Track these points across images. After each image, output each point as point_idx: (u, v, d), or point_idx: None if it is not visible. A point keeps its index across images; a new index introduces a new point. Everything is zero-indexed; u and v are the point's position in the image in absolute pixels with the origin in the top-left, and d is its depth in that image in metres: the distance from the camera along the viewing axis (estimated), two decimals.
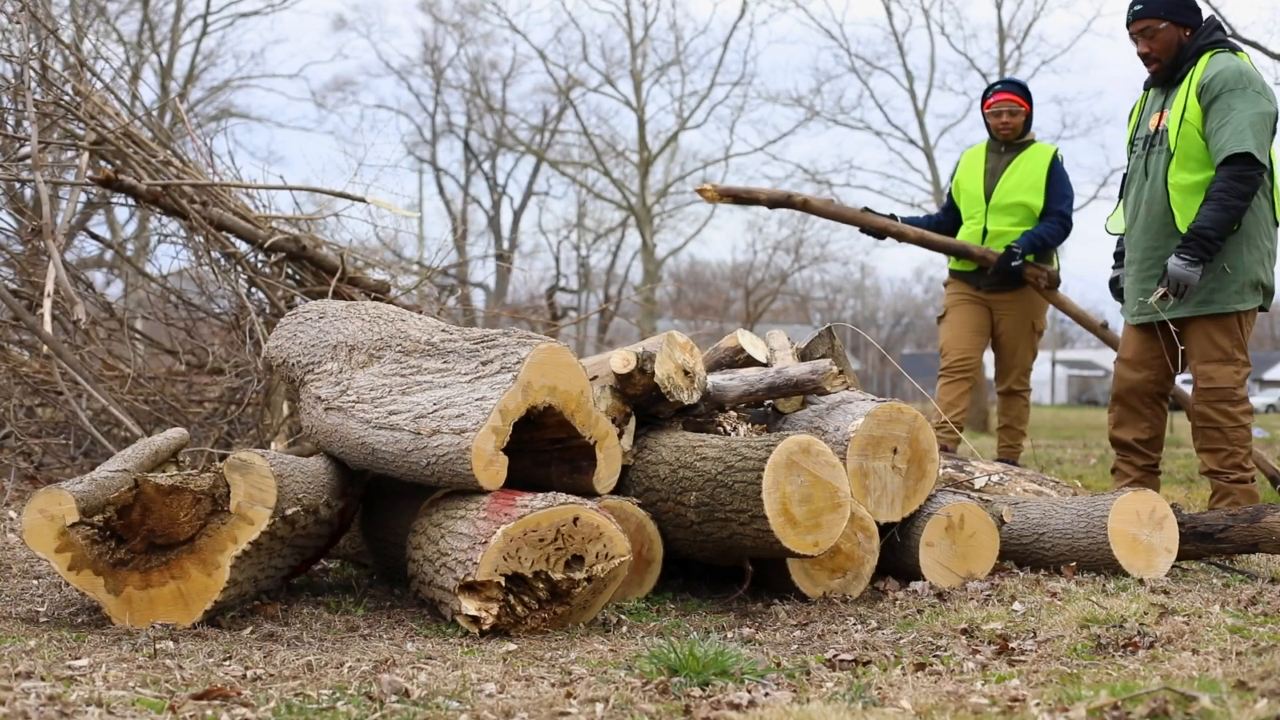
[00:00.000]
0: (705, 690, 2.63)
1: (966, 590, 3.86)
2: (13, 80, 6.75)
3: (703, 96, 29.82)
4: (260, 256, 6.71)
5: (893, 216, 6.23)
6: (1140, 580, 3.98)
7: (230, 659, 2.91)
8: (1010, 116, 6.29)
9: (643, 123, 29.34)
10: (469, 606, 3.26)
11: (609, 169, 30.20)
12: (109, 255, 13.43)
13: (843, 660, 2.97)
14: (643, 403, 4.15)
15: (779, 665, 2.92)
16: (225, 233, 6.57)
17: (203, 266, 7.07)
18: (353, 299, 6.19)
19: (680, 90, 41.91)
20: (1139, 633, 3.11)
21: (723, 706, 2.51)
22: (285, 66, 67.50)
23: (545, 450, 3.78)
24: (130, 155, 6.58)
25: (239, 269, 6.74)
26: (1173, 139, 4.83)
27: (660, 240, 31.32)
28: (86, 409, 6.49)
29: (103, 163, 6.68)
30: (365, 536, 4.25)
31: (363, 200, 6.69)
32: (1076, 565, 4.12)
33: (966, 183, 6.38)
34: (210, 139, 7.80)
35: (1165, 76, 4.95)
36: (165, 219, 7.08)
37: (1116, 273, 5.32)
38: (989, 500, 4.30)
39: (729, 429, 4.28)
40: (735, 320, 32.16)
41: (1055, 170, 6.22)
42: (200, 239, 6.60)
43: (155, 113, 10.65)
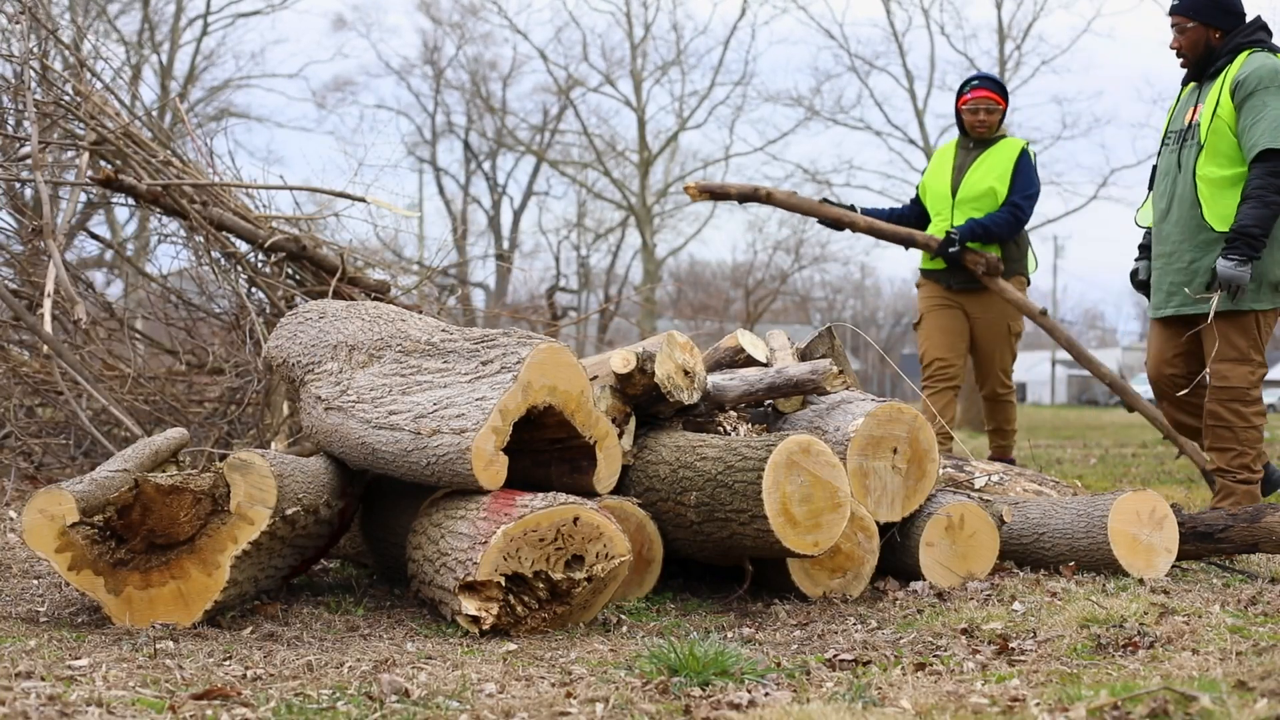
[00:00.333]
0: (705, 690, 2.63)
1: (966, 590, 3.86)
2: (13, 80, 6.75)
3: (703, 96, 29.83)
4: (260, 256, 6.71)
5: (851, 207, 6.19)
6: (1140, 580, 3.98)
7: (230, 659, 2.91)
8: (987, 114, 6.15)
9: (643, 123, 29.34)
10: (469, 606, 3.26)
11: (609, 169, 30.20)
12: (109, 255, 13.43)
13: (843, 660, 2.97)
14: (643, 403, 4.15)
15: (779, 665, 2.92)
16: (225, 233, 6.57)
17: (203, 266, 7.07)
18: (353, 299, 6.19)
19: (680, 90, 41.92)
20: (1139, 633, 3.11)
21: (723, 706, 2.51)
22: (285, 66, 67.52)
23: (545, 450, 3.78)
24: (130, 155, 6.58)
25: (239, 269, 6.74)
26: (1203, 133, 4.90)
27: (660, 240, 31.34)
28: (86, 409, 6.49)
29: (103, 163, 6.68)
30: (365, 536, 4.26)
31: (363, 200, 6.69)
32: (1076, 565, 4.12)
33: (933, 181, 6.24)
34: (210, 139, 7.81)
35: (1196, 72, 5.07)
36: (165, 219, 7.09)
37: (1138, 264, 5.37)
38: (989, 500, 4.30)
39: (729, 429, 4.28)
40: (735, 320, 32.17)
41: (1022, 162, 6.07)
42: (200, 239, 6.60)
43: (155, 113, 10.66)
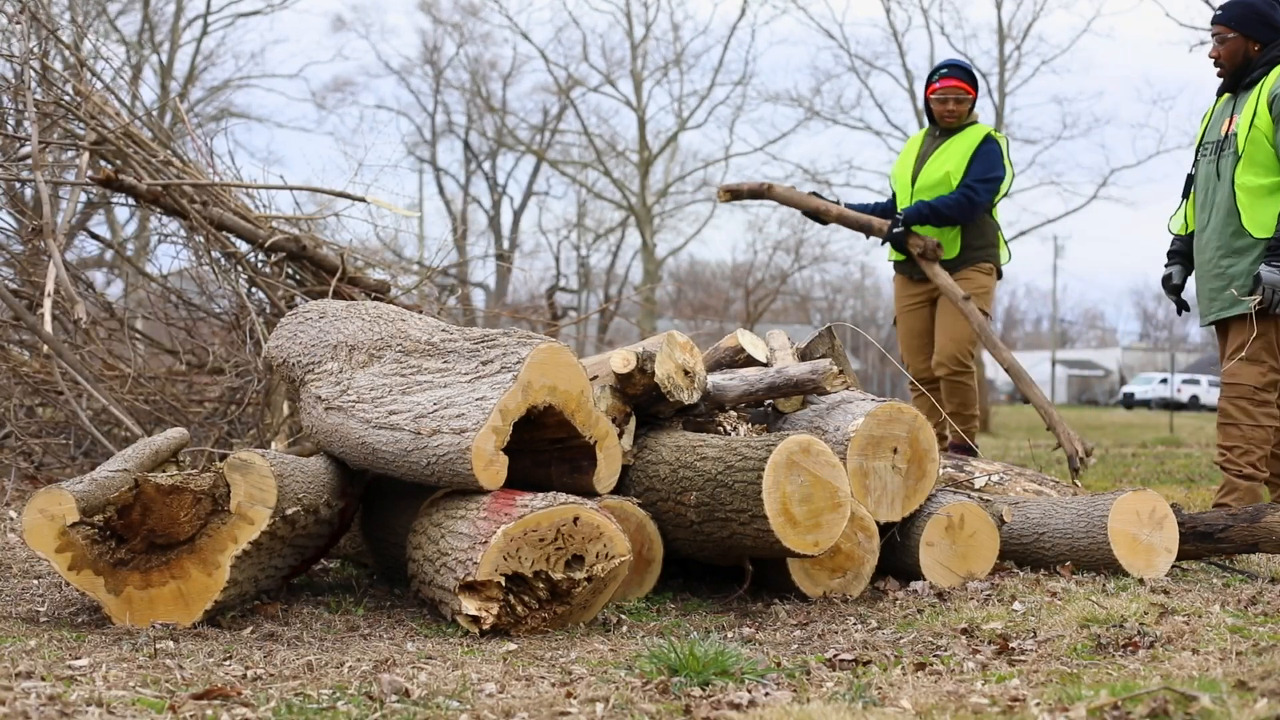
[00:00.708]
0: (705, 690, 2.63)
1: (966, 590, 3.86)
2: (13, 80, 6.75)
3: (703, 96, 29.83)
4: (260, 256, 6.71)
5: (836, 201, 6.21)
6: (1140, 580, 3.98)
7: (230, 659, 2.91)
8: (956, 104, 6.03)
9: (643, 122, 29.35)
10: (469, 606, 3.26)
11: (609, 169, 30.21)
12: (109, 255, 13.44)
13: (843, 660, 2.97)
14: (643, 403, 4.15)
15: (779, 665, 2.92)
16: (225, 232, 6.57)
17: (203, 266, 7.07)
18: (353, 299, 6.19)
19: (680, 90, 41.90)
20: (1139, 632, 3.11)
21: (723, 706, 2.51)
22: (285, 66, 67.53)
23: (545, 450, 3.78)
24: (130, 155, 6.58)
25: (239, 269, 6.74)
26: (1241, 143, 4.99)
27: (660, 240, 31.35)
28: (87, 409, 6.49)
29: (103, 162, 6.68)
30: (365, 536, 4.26)
31: (363, 200, 6.69)
32: (1076, 565, 4.12)
33: (899, 170, 6.20)
34: (210, 139, 7.82)
35: (1232, 83, 5.15)
36: (165, 219, 7.09)
37: (1170, 269, 5.39)
38: (989, 500, 4.30)
39: (729, 429, 4.28)
40: (735, 320, 32.17)
41: (983, 148, 5.93)
42: (200, 239, 6.60)
43: (155, 113, 10.66)
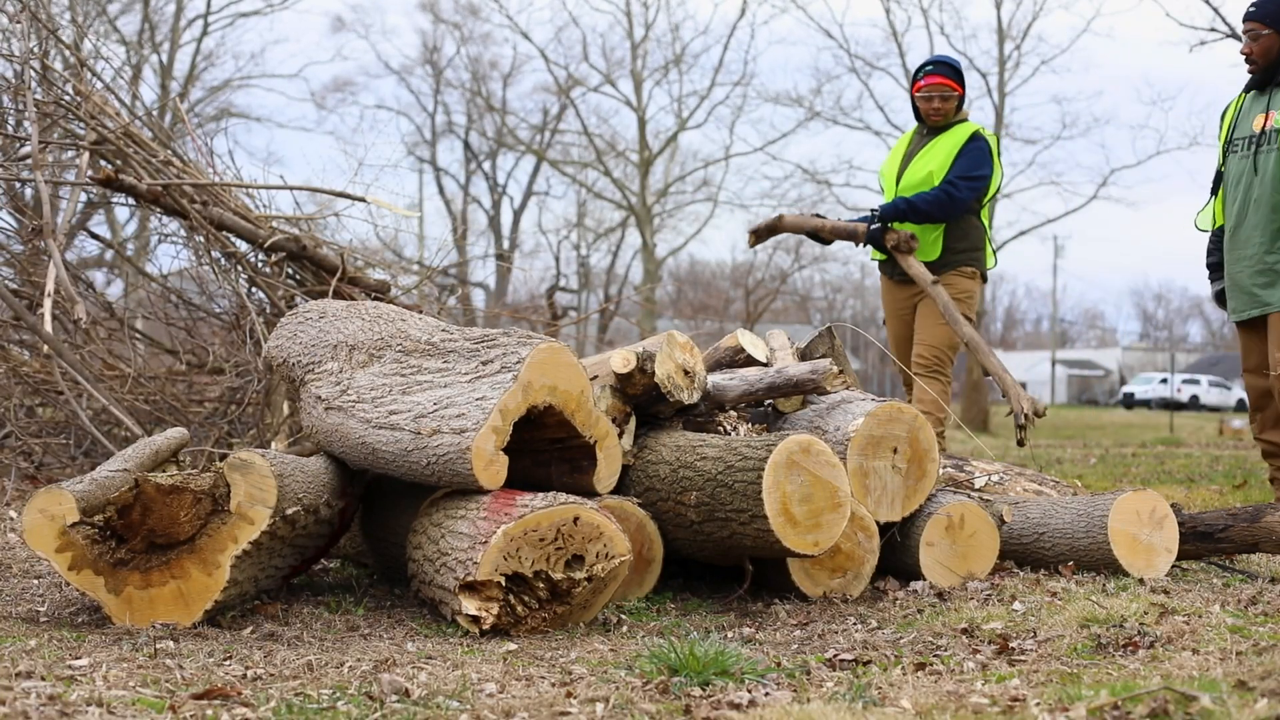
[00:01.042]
0: (705, 690, 2.63)
1: (967, 590, 3.86)
2: (13, 80, 6.75)
3: (703, 96, 29.83)
4: (260, 256, 6.71)
5: (822, 217, 6.18)
6: (1140, 580, 3.98)
7: (230, 659, 2.91)
8: (942, 102, 5.83)
9: (643, 122, 29.35)
10: (469, 606, 3.26)
11: (609, 169, 30.21)
12: (109, 255, 13.45)
13: (843, 660, 2.97)
14: (643, 402, 4.15)
15: (779, 665, 2.92)
16: (225, 232, 6.57)
17: (203, 266, 7.08)
18: (353, 299, 6.19)
19: (680, 90, 41.84)
20: (1139, 632, 3.11)
21: (723, 706, 2.51)
22: (285, 67, 67.48)
23: (545, 450, 3.78)
24: (130, 155, 6.58)
25: (239, 269, 6.74)
26: None
27: (660, 240, 31.35)
28: (87, 409, 6.49)
29: (103, 162, 6.68)
30: (365, 536, 4.26)
31: (363, 200, 6.69)
32: (1076, 565, 4.12)
33: (886, 169, 6.03)
34: (210, 139, 7.82)
35: (1262, 80, 5.16)
36: (165, 219, 7.09)
37: (1221, 285, 5.38)
38: (989, 500, 4.30)
39: (729, 429, 4.28)
40: (735, 320, 32.17)
41: (969, 146, 5.72)
42: (200, 239, 6.60)
43: (155, 112, 10.66)
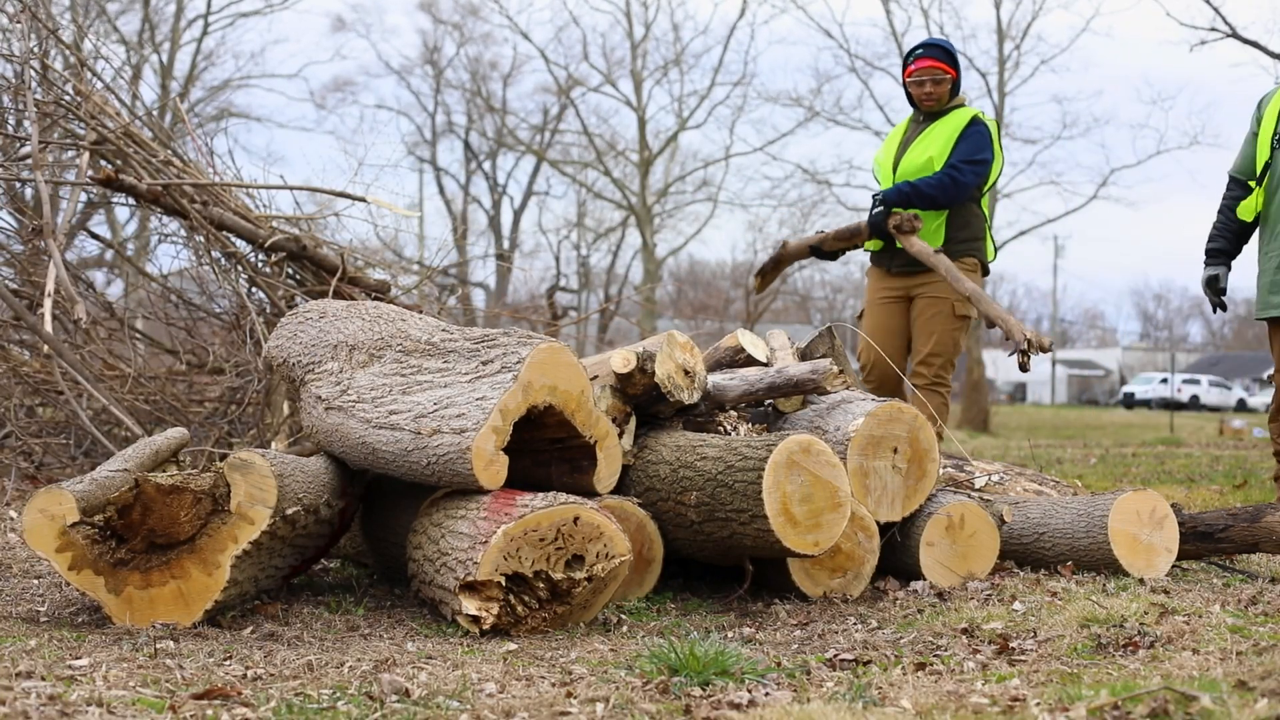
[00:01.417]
0: (705, 690, 2.63)
1: (967, 590, 3.86)
2: (13, 80, 6.75)
3: (703, 96, 29.86)
4: (261, 256, 6.71)
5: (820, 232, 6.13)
6: (1140, 580, 3.98)
7: (231, 659, 2.91)
8: (934, 86, 5.62)
9: (643, 122, 29.36)
10: (469, 606, 3.26)
11: (609, 169, 30.23)
12: (109, 255, 13.44)
13: (843, 660, 2.97)
14: (643, 402, 4.15)
15: (779, 665, 2.92)
16: (226, 232, 6.57)
17: (203, 266, 7.08)
18: (353, 299, 6.19)
19: (680, 90, 41.92)
20: (1139, 632, 3.11)
21: (723, 706, 2.51)
22: (285, 66, 67.59)
23: (545, 450, 3.78)
24: (131, 155, 6.58)
25: (239, 269, 6.74)
26: None
27: (660, 240, 31.37)
28: (87, 409, 6.49)
29: (103, 162, 6.68)
30: (365, 536, 4.26)
31: (363, 200, 6.69)
32: (1077, 565, 4.12)
33: (882, 158, 5.80)
34: (210, 139, 7.83)
35: None
36: (165, 219, 7.09)
37: (1216, 271, 5.40)
38: (989, 500, 4.30)
39: (729, 429, 4.28)
40: (735, 320, 32.19)
41: (969, 129, 5.56)
42: (200, 239, 6.60)
43: (155, 112, 10.66)
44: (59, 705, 2.35)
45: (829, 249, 5.95)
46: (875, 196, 5.63)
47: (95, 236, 11.31)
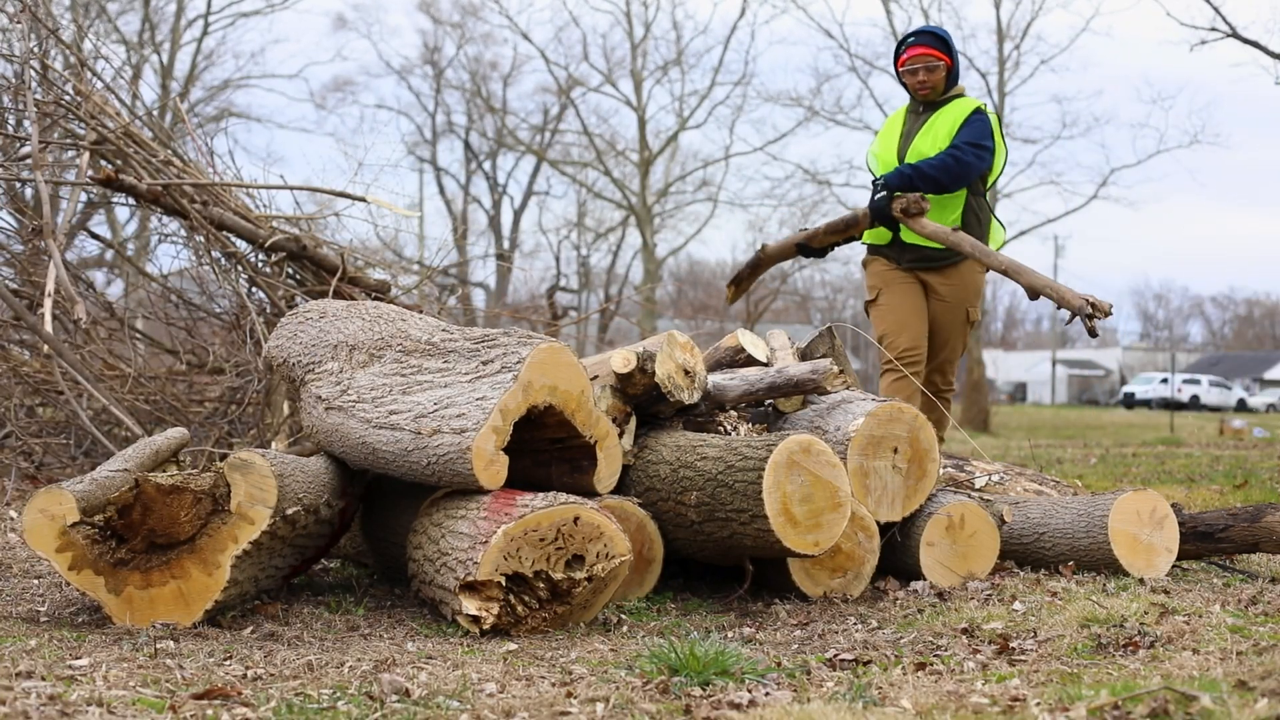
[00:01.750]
0: (706, 690, 2.63)
1: (967, 590, 3.86)
2: (13, 80, 6.75)
3: (703, 96, 29.86)
4: (261, 256, 6.71)
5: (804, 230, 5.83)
6: (1140, 580, 3.98)
7: (231, 659, 2.91)
8: (928, 73, 5.45)
9: (643, 122, 29.36)
10: (469, 606, 3.26)
11: (609, 169, 30.24)
12: (109, 255, 13.44)
13: (843, 660, 2.97)
14: (643, 402, 4.15)
15: (779, 665, 2.92)
16: (226, 232, 6.57)
17: (203, 266, 7.08)
18: (353, 299, 6.19)
19: (680, 90, 41.92)
20: (1139, 632, 3.11)
21: (723, 706, 2.51)
22: (285, 66, 67.63)
23: (545, 450, 3.78)
24: (131, 155, 6.58)
25: (239, 269, 6.74)
26: None
27: (660, 240, 31.37)
28: (87, 409, 6.49)
29: (103, 162, 6.68)
30: (365, 536, 4.26)
31: (363, 200, 6.69)
32: (1077, 565, 4.12)
33: (882, 151, 5.60)
34: (210, 139, 7.82)
35: None
36: (166, 219, 7.09)
37: None
38: (989, 500, 4.30)
39: (729, 429, 4.28)
40: (735, 320, 32.17)
41: (972, 118, 5.41)
42: (201, 239, 6.60)
43: (156, 112, 10.65)
44: (59, 705, 2.35)
45: (820, 244, 5.69)
46: (875, 182, 5.47)
47: (95, 236, 11.30)
